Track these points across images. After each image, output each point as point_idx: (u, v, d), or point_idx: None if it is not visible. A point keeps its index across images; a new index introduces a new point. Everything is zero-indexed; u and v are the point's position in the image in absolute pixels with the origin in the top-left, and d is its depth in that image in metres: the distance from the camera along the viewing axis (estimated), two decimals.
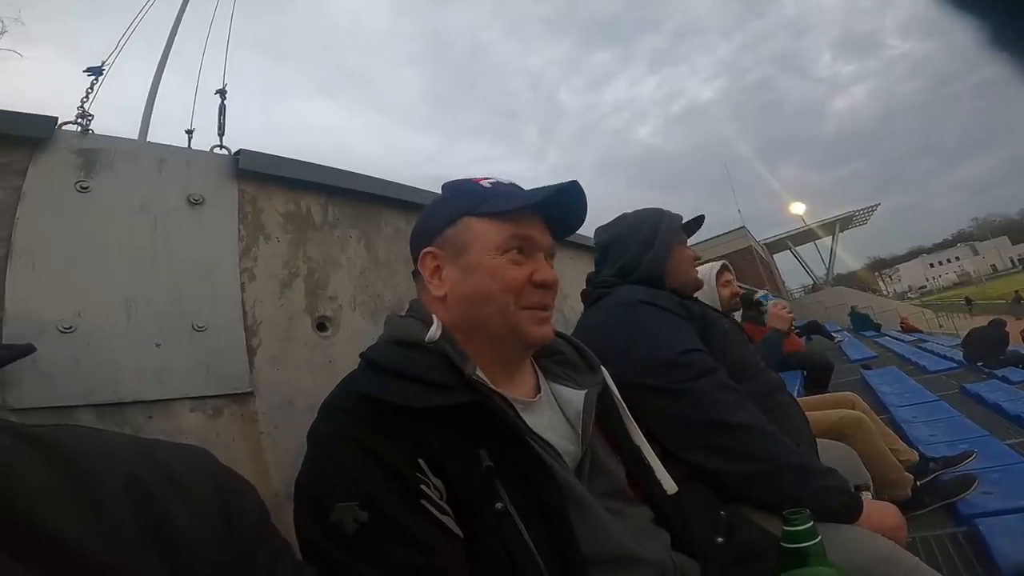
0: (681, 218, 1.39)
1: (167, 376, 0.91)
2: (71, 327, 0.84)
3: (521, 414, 0.70)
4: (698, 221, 1.45)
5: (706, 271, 2.06)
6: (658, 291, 1.23)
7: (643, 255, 1.29)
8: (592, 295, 1.32)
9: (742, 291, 2.33)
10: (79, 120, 0.95)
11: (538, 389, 0.80)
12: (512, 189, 0.79)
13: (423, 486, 0.61)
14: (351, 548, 0.57)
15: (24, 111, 0.86)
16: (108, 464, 0.40)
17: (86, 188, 0.91)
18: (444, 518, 0.61)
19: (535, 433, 0.70)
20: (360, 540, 0.57)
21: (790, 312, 2.45)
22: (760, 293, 2.35)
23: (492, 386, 0.69)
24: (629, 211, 1.39)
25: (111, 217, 0.93)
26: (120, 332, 0.89)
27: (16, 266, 0.82)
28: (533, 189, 0.79)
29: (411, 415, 0.63)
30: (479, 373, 0.69)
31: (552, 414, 0.78)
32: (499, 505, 0.62)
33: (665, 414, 1.00)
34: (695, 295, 1.40)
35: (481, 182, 0.79)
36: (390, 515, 0.59)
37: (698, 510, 0.86)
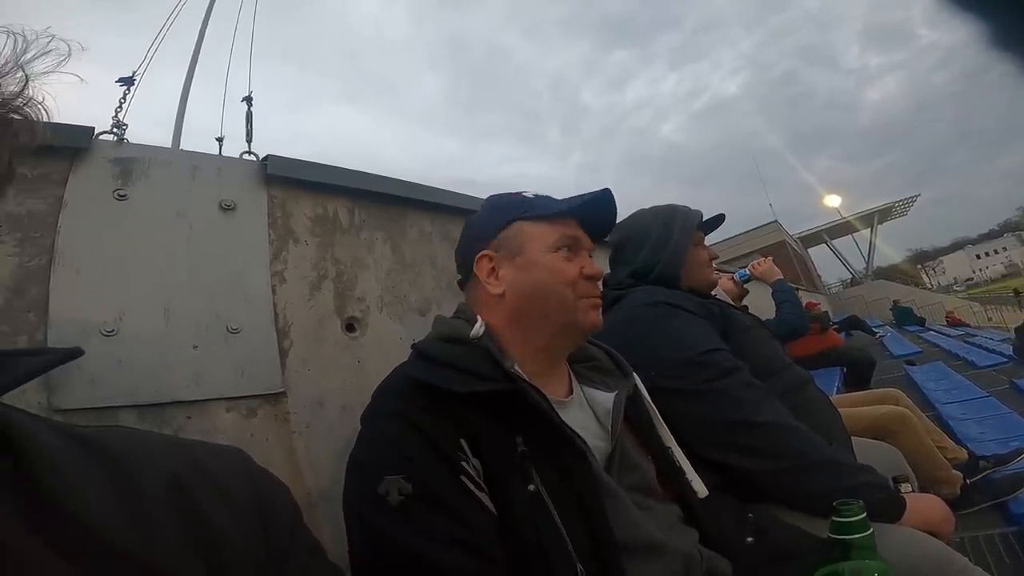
0: (699, 215, 1.34)
1: (204, 377, 0.94)
2: (113, 330, 0.87)
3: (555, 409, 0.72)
4: (717, 220, 1.41)
5: None
6: (677, 292, 1.20)
7: (656, 257, 1.26)
8: (608, 297, 1.30)
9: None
10: (114, 130, 0.98)
11: (571, 391, 0.83)
12: (550, 199, 0.87)
13: (463, 463, 0.65)
14: (395, 517, 0.62)
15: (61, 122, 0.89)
16: (151, 464, 0.41)
17: (124, 196, 0.94)
18: (480, 494, 0.65)
19: (568, 425, 0.72)
20: (404, 510, 0.62)
21: (767, 257, 2.36)
22: (736, 272, 2.25)
23: (528, 380, 0.72)
24: (645, 208, 1.37)
25: (148, 224, 0.96)
26: (159, 335, 0.92)
27: (60, 273, 0.85)
28: (569, 198, 0.88)
29: (455, 399, 0.68)
30: (517, 368, 0.73)
31: (583, 413, 0.80)
32: (532, 487, 0.66)
33: (689, 415, 0.98)
34: (714, 293, 1.37)
35: (523, 193, 0.88)
36: (433, 488, 0.63)
37: (727, 512, 0.86)
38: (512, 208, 0.86)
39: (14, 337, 0.79)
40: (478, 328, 0.78)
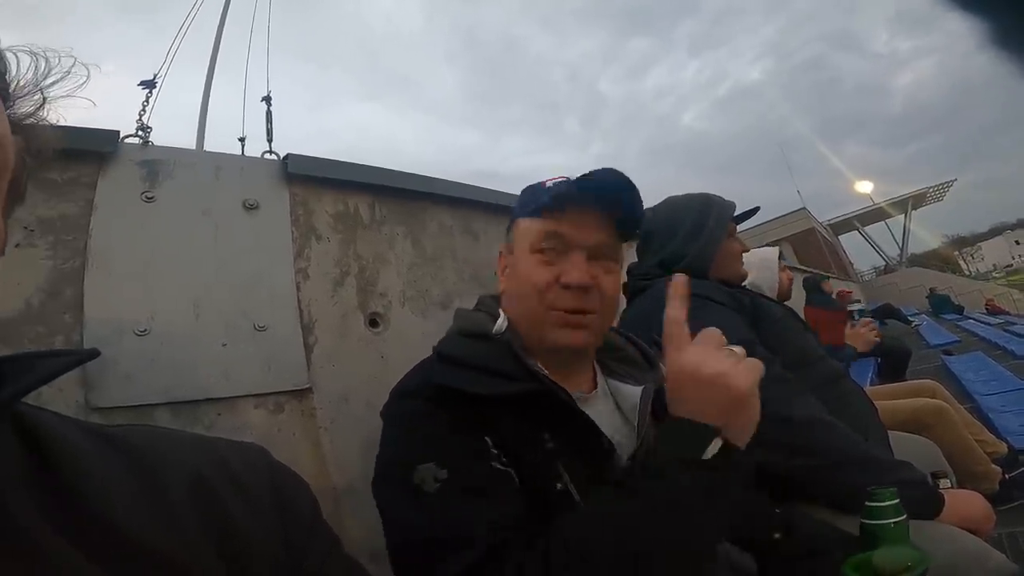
0: (733, 207, 1.31)
1: (233, 374, 0.96)
2: (146, 330, 0.90)
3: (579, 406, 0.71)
4: (751, 212, 1.39)
5: (768, 256, 1.96)
6: (705, 282, 1.17)
7: (688, 247, 1.23)
8: (634, 288, 1.27)
9: (805, 275, 2.21)
10: (139, 133, 1.00)
11: (595, 384, 0.81)
12: (559, 187, 0.76)
13: (492, 451, 0.65)
14: (433, 503, 0.61)
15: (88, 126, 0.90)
16: (175, 462, 0.41)
17: (151, 198, 0.96)
18: (511, 471, 0.65)
19: (594, 423, 0.71)
20: (441, 496, 0.61)
21: (878, 335, 2.27)
22: (856, 307, 2.23)
23: (550, 377, 0.70)
24: (677, 195, 1.34)
25: (176, 225, 0.98)
26: (190, 333, 0.94)
27: (93, 274, 0.87)
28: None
29: (478, 401, 0.66)
30: (539, 365, 0.71)
31: (606, 408, 0.78)
32: (559, 485, 0.65)
33: None
34: (744, 284, 1.34)
35: (546, 183, 0.79)
36: (466, 472, 0.62)
37: (753, 507, 0.84)
38: (520, 202, 0.81)
39: (51, 338, 0.82)
40: (501, 323, 0.76)
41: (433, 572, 0.58)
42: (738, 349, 0.62)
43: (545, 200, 0.74)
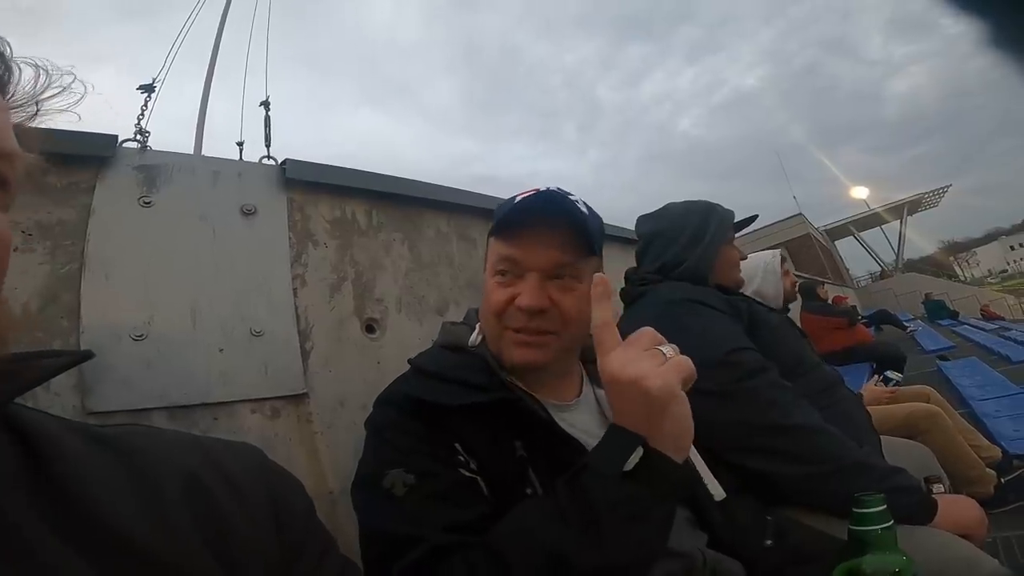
0: (733, 215, 1.32)
1: (230, 379, 0.96)
2: (143, 335, 0.90)
3: (554, 414, 0.72)
4: (749, 220, 1.40)
5: (768, 260, 1.95)
6: (702, 288, 1.17)
7: (688, 252, 1.23)
8: (632, 293, 1.27)
9: (800, 280, 2.20)
10: (137, 137, 1.00)
11: (580, 392, 0.81)
12: (520, 204, 0.74)
13: (459, 457, 0.67)
14: (401, 506, 0.63)
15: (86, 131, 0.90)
16: (169, 462, 0.41)
17: (149, 203, 0.97)
18: (478, 477, 0.67)
19: (564, 431, 0.72)
20: (408, 499, 0.63)
21: (892, 393, 2.25)
22: (895, 377, 2.20)
23: (523, 388, 0.72)
24: (677, 202, 1.35)
25: (173, 230, 0.99)
26: (187, 338, 0.94)
27: (90, 279, 0.88)
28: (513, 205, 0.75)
29: (450, 411, 0.68)
30: (512, 375, 0.73)
31: (589, 416, 0.79)
32: (529, 491, 0.67)
33: (713, 417, 0.96)
34: (742, 291, 1.35)
35: (516, 198, 0.76)
36: (432, 478, 0.65)
37: (744, 514, 0.84)
38: (494, 218, 0.79)
39: (49, 342, 0.82)
40: (475, 337, 0.78)
41: (387, 570, 0.61)
42: (669, 349, 0.60)
43: (494, 227, 0.76)
